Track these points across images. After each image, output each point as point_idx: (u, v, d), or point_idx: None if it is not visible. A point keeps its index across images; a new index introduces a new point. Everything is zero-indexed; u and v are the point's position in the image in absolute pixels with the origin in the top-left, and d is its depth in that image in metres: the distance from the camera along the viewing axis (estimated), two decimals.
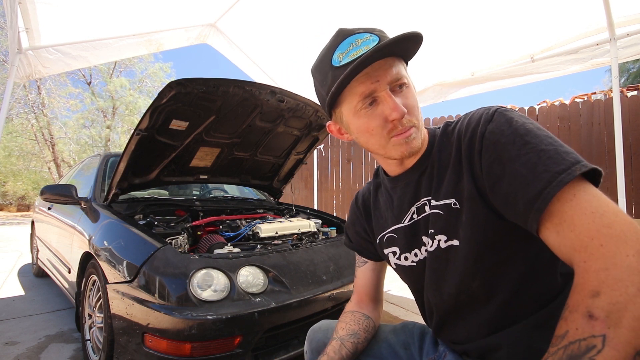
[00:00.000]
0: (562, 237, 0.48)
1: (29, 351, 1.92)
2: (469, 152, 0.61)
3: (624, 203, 2.08)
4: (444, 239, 0.66)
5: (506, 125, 0.57)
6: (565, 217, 0.48)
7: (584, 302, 0.42)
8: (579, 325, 0.42)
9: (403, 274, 0.79)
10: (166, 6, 2.84)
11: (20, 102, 13.37)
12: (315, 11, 2.90)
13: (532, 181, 0.50)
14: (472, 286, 0.64)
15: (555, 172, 0.49)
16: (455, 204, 0.63)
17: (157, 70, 16.25)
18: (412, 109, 0.62)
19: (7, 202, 17.92)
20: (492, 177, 0.56)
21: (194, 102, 1.69)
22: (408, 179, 0.71)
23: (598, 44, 2.37)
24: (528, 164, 0.52)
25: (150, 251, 1.37)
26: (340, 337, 0.80)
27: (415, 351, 0.81)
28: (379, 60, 0.60)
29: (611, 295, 0.40)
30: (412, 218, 0.72)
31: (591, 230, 0.45)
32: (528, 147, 0.53)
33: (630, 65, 13.24)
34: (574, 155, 0.51)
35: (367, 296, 0.89)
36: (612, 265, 0.42)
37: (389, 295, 2.95)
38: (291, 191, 3.25)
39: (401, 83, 0.62)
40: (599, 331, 0.40)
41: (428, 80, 3.44)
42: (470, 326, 0.68)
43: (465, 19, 2.67)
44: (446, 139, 0.67)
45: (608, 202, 0.48)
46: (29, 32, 2.41)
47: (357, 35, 0.62)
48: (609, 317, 0.40)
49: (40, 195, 2.16)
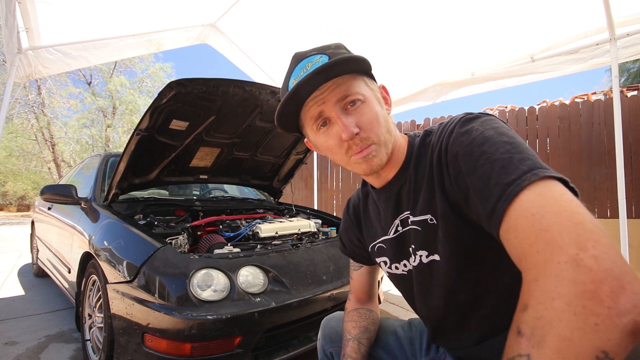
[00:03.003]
0: (510, 245, 0.44)
1: (29, 351, 1.92)
2: (438, 167, 0.60)
3: (624, 203, 2.07)
4: (425, 254, 0.66)
5: (465, 135, 0.55)
6: (511, 223, 0.44)
7: (516, 318, 0.38)
8: (511, 342, 0.37)
9: (395, 281, 0.80)
10: (166, 6, 2.84)
11: (20, 102, 13.36)
12: (316, 11, 2.90)
13: (487, 196, 0.48)
14: (458, 299, 0.65)
15: (505, 184, 0.45)
16: (431, 219, 0.63)
17: (158, 70, 16.26)
18: (367, 125, 0.60)
19: (7, 202, 17.93)
20: (461, 190, 0.55)
21: (194, 102, 1.69)
22: (389, 192, 0.71)
23: (598, 44, 2.37)
24: (484, 177, 0.49)
25: (150, 251, 1.37)
26: (356, 337, 0.83)
27: (417, 348, 0.84)
28: (326, 82, 0.60)
29: (536, 309, 0.35)
30: (397, 230, 0.72)
31: (530, 235, 0.41)
32: (484, 157, 0.50)
33: (630, 65, 13.23)
34: (530, 162, 0.46)
35: (365, 294, 0.93)
36: (542, 274, 0.37)
37: (389, 295, 2.95)
38: (291, 191, 3.25)
39: (351, 100, 0.61)
40: (524, 350, 0.35)
41: (428, 80, 3.44)
42: (461, 335, 0.68)
43: (465, 19, 2.67)
44: (423, 151, 0.66)
45: (556, 201, 0.41)
46: (28, 32, 2.41)
47: (308, 59, 0.62)
48: (533, 335, 0.35)
49: (40, 195, 2.16)
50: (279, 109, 0.63)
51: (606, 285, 0.33)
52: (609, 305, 0.32)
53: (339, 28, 3.01)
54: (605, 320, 0.32)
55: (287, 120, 0.66)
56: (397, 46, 3.05)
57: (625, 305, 0.32)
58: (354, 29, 2.99)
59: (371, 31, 2.97)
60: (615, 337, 0.31)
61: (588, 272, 0.34)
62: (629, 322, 0.32)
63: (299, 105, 0.63)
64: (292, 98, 0.61)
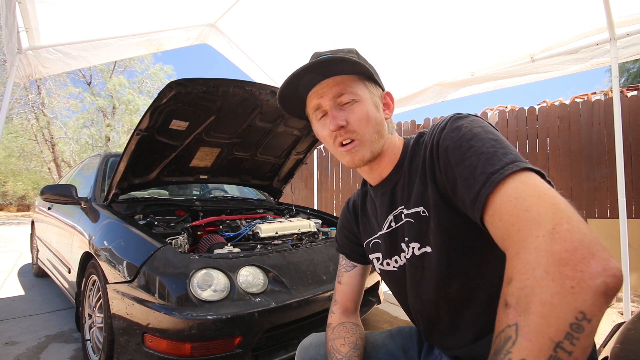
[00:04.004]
0: (495, 227, 0.48)
1: (29, 351, 1.92)
2: (430, 161, 0.64)
3: (624, 203, 2.07)
4: (417, 246, 0.68)
5: (455, 131, 0.60)
6: (495, 207, 0.48)
7: (502, 292, 0.41)
8: (500, 316, 0.40)
9: (387, 278, 0.80)
10: (166, 6, 2.84)
11: (20, 102, 13.37)
12: (316, 11, 2.90)
13: (473, 183, 0.52)
14: (450, 291, 0.65)
15: (490, 173, 0.50)
16: (424, 211, 0.66)
17: (158, 70, 16.27)
18: (355, 122, 0.67)
19: (7, 202, 17.92)
20: (450, 181, 0.59)
21: (194, 102, 1.69)
22: (384, 188, 0.75)
23: (598, 44, 2.37)
24: (470, 167, 0.54)
25: (150, 251, 1.37)
26: (347, 355, 0.77)
27: (414, 354, 0.81)
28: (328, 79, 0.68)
29: (519, 280, 0.39)
30: (390, 226, 0.74)
31: (512, 216, 0.45)
32: (471, 150, 0.55)
33: (630, 65, 13.22)
34: (512, 156, 0.52)
35: (352, 303, 0.88)
36: (523, 248, 0.41)
37: (389, 295, 2.94)
38: (291, 191, 3.25)
39: (346, 98, 0.67)
40: (512, 320, 0.38)
41: (428, 80, 3.43)
42: (455, 332, 0.68)
43: (465, 19, 2.67)
44: (417, 149, 0.70)
45: (535, 187, 0.46)
46: (28, 32, 2.40)
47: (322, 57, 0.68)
48: (518, 304, 0.38)
49: (40, 195, 2.16)
50: (279, 90, 0.71)
51: (578, 253, 0.37)
52: (582, 269, 0.36)
53: (339, 28, 3.01)
54: (580, 282, 0.36)
55: (290, 104, 0.75)
56: (397, 46, 3.05)
57: (596, 269, 0.36)
58: (354, 29, 2.99)
59: (371, 31, 2.97)
60: (590, 297, 0.35)
61: (562, 242, 0.38)
62: (601, 284, 0.35)
63: (297, 92, 0.71)
64: (285, 88, 0.70)
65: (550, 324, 0.35)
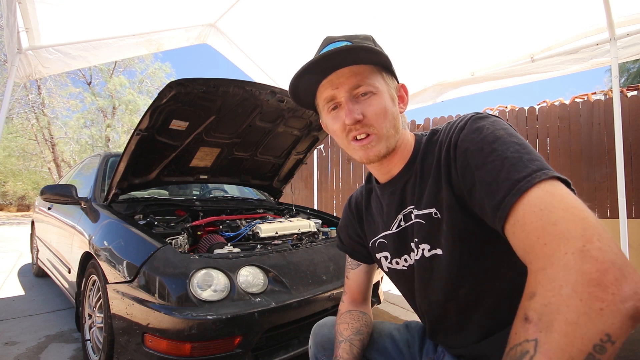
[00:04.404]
0: (516, 238, 0.46)
1: (29, 351, 1.92)
2: (446, 162, 0.62)
3: (624, 203, 2.07)
4: (428, 247, 0.67)
5: (476, 133, 0.57)
6: (518, 217, 0.46)
7: (523, 305, 0.40)
8: (517, 329, 0.39)
9: (395, 277, 0.80)
10: (166, 6, 2.84)
11: (20, 102, 13.35)
12: (316, 11, 2.90)
13: (496, 189, 0.50)
14: (459, 294, 0.65)
15: (515, 180, 0.48)
16: (436, 213, 0.64)
17: (157, 70, 16.26)
18: (372, 115, 0.63)
19: (7, 202, 17.93)
20: (467, 184, 0.57)
21: (194, 102, 1.69)
22: (394, 186, 0.72)
23: (598, 44, 2.37)
24: (493, 172, 0.51)
25: (150, 251, 1.37)
26: (348, 338, 0.81)
27: (416, 350, 0.82)
28: (344, 68, 0.63)
29: (544, 296, 0.38)
30: (399, 225, 0.73)
31: (537, 229, 0.43)
32: (494, 154, 0.53)
33: (630, 65, 13.22)
34: (538, 162, 0.49)
35: (360, 295, 0.91)
36: (549, 264, 0.40)
37: (389, 295, 2.95)
38: (291, 191, 3.26)
39: (363, 90, 0.64)
40: (532, 335, 0.37)
41: (428, 80, 3.44)
42: (461, 332, 0.68)
43: (465, 19, 2.67)
44: (430, 148, 0.68)
45: (562, 199, 0.44)
46: (28, 32, 2.41)
47: (335, 44, 0.65)
48: (540, 320, 0.37)
49: (40, 195, 2.16)
50: (294, 79, 0.66)
51: (610, 274, 0.36)
52: (613, 291, 0.35)
53: (339, 28, 3.01)
54: (610, 305, 0.34)
55: (302, 94, 0.70)
56: (397, 46, 3.05)
57: (628, 292, 0.35)
58: (354, 29, 2.99)
59: (371, 31, 2.97)
60: (618, 321, 0.34)
61: (594, 262, 0.37)
62: (631, 307, 0.34)
63: (314, 79, 0.66)
64: (309, 69, 0.63)
65: (573, 344, 0.34)
